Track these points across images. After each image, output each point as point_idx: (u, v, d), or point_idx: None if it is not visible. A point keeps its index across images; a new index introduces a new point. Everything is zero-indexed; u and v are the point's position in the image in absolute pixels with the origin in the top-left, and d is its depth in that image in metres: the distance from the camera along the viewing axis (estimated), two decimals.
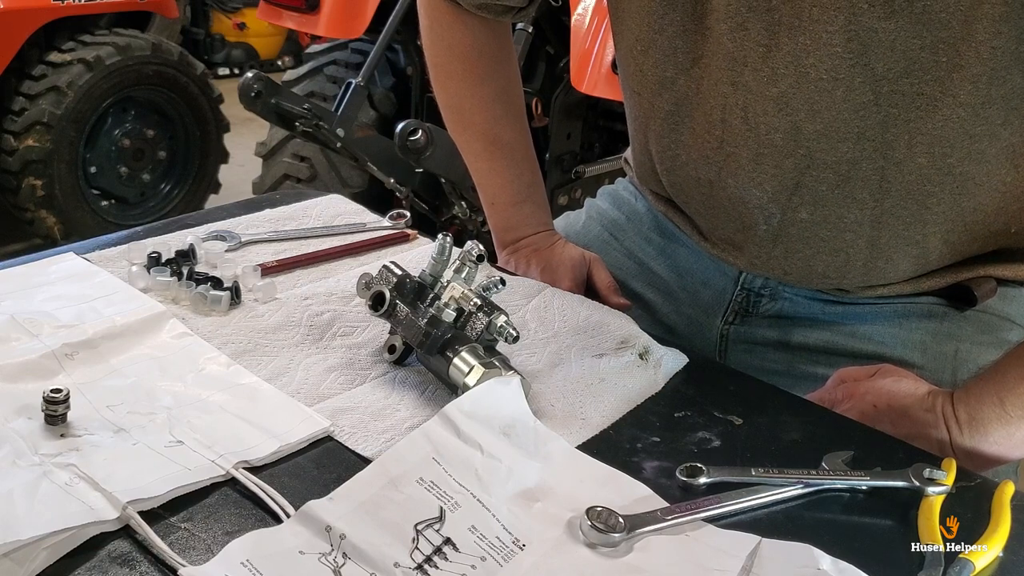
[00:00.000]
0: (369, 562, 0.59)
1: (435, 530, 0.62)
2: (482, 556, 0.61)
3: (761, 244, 0.91)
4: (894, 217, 0.84)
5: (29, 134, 3.09)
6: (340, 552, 0.59)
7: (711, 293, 1.01)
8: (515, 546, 0.62)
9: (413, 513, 0.63)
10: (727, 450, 0.75)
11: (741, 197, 0.88)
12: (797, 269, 0.91)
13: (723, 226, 0.94)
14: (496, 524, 0.63)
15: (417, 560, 0.60)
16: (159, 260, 0.95)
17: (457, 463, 0.67)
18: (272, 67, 5.90)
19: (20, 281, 0.91)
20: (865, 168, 0.81)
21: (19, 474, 0.64)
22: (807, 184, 0.83)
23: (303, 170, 2.78)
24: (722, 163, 0.87)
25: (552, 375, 0.83)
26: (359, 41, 2.81)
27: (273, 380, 0.79)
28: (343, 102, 2.31)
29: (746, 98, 0.82)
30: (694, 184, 0.92)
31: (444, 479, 0.66)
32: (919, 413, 0.81)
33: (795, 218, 0.86)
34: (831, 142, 0.80)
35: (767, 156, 0.83)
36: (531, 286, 0.99)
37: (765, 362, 0.98)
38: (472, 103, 1.10)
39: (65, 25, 3.22)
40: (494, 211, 1.14)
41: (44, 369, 0.76)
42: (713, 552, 0.63)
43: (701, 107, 0.86)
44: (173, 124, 3.53)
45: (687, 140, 0.90)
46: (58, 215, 3.19)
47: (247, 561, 0.57)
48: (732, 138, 0.85)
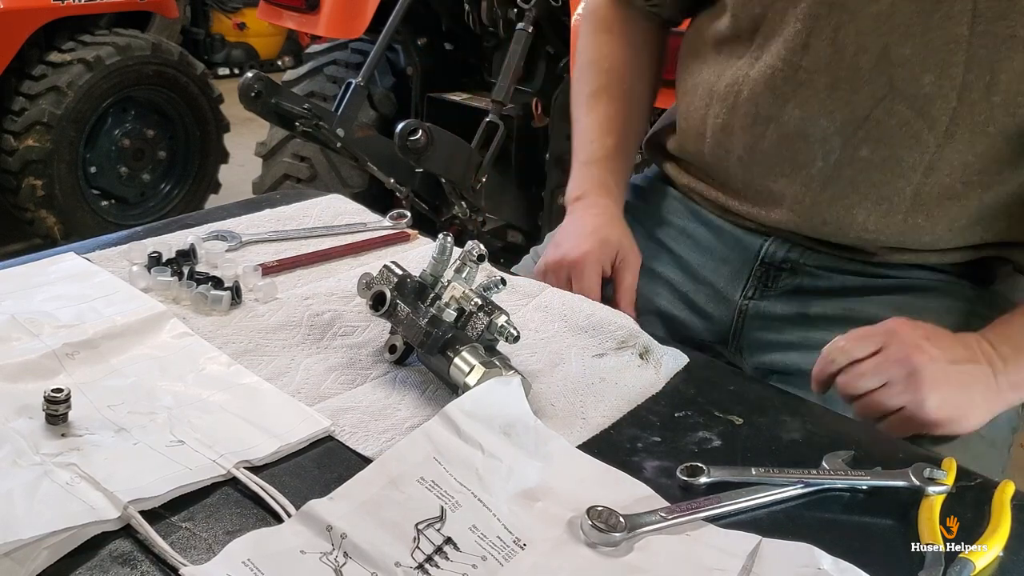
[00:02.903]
0: (370, 561, 0.59)
1: (436, 529, 0.62)
2: (483, 556, 0.61)
3: (808, 186, 0.91)
4: (948, 164, 0.85)
5: (29, 134, 3.08)
6: (341, 551, 0.59)
7: (731, 269, 1.02)
8: (516, 545, 0.62)
9: (414, 512, 0.63)
10: (727, 450, 0.75)
11: (804, 131, 0.89)
12: (838, 217, 0.92)
13: (768, 173, 0.94)
14: (497, 524, 0.63)
15: (418, 559, 0.60)
16: (159, 260, 0.95)
17: (458, 462, 0.67)
18: (272, 67, 5.89)
19: (20, 281, 0.91)
20: (939, 106, 0.82)
21: (20, 474, 0.64)
22: (877, 117, 0.85)
23: (303, 170, 2.78)
24: (791, 93, 0.88)
25: (552, 375, 0.83)
26: (359, 41, 2.81)
27: (274, 380, 0.79)
28: (343, 102, 2.31)
29: (840, 17, 0.83)
30: (750, 125, 0.93)
31: (445, 478, 0.66)
32: (961, 350, 0.81)
33: (855, 156, 0.87)
34: (914, 72, 0.81)
35: (845, 81, 0.85)
36: (531, 286, 0.99)
37: (780, 335, 0.99)
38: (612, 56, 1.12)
39: (65, 25, 3.21)
40: (574, 167, 1.14)
41: (45, 369, 0.76)
42: (713, 552, 0.63)
43: (782, 34, 0.87)
44: (173, 124, 3.52)
45: (754, 74, 0.91)
46: (58, 215, 3.18)
47: (248, 560, 0.57)
48: (813, 63, 0.86)
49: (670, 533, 0.65)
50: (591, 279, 0.98)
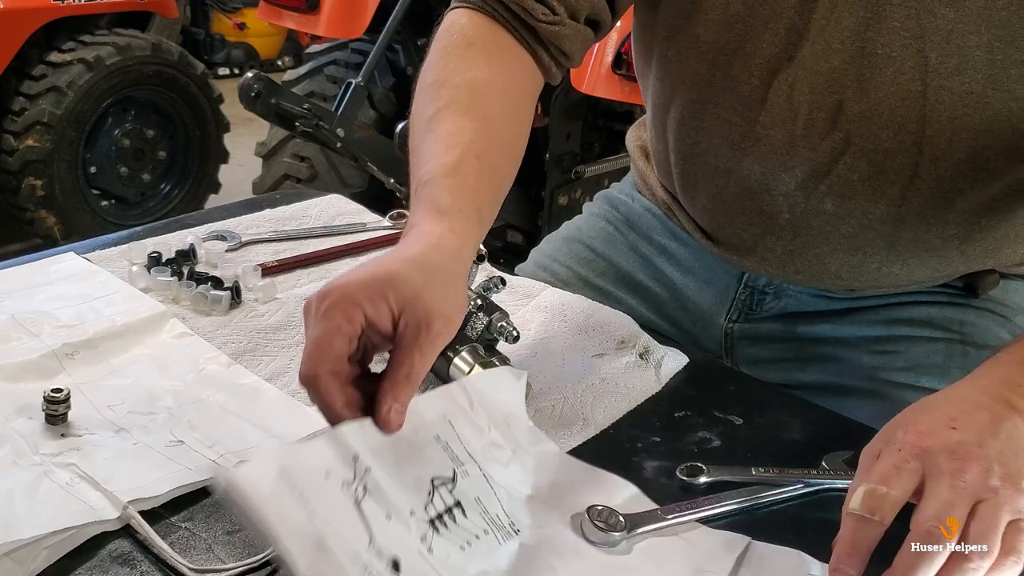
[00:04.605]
0: (387, 503, 0.56)
1: (448, 490, 0.60)
2: (485, 529, 0.60)
3: (778, 238, 0.89)
4: (918, 217, 0.84)
5: (29, 134, 3.08)
6: (362, 485, 0.55)
7: (714, 292, 1.01)
8: (511, 529, 0.62)
9: (431, 466, 0.60)
10: (727, 450, 0.75)
11: (766, 185, 0.87)
12: (809, 267, 0.90)
13: (734, 223, 0.92)
14: (496, 503, 0.63)
15: (431, 514, 0.58)
16: (159, 260, 0.95)
17: (468, 433, 0.65)
18: (272, 67, 5.89)
19: (20, 281, 0.91)
20: (899, 161, 0.80)
21: (20, 474, 0.64)
22: (838, 172, 0.83)
23: (303, 170, 2.78)
24: (750, 148, 0.86)
25: (552, 375, 0.83)
26: (359, 41, 2.81)
27: (273, 380, 0.79)
28: (343, 102, 2.31)
29: (796, 74, 0.81)
30: (710, 176, 0.91)
31: (456, 444, 0.63)
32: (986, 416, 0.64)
33: (820, 208, 0.85)
34: (872, 127, 0.80)
35: (803, 138, 0.83)
36: (531, 286, 0.99)
37: (773, 352, 0.98)
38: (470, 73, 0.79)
39: (65, 25, 3.21)
40: None
41: (45, 369, 0.76)
42: (704, 553, 0.63)
43: (738, 89, 0.85)
44: (173, 124, 3.52)
45: (710, 127, 0.88)
46: (58, 215, 3.18)
47: (285, 469, 0.52)
48: (770, 119, 0.84)
49: (664, 534, 0.65)
50: (322, 327, 0.58)
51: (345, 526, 0.52)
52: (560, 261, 1.10)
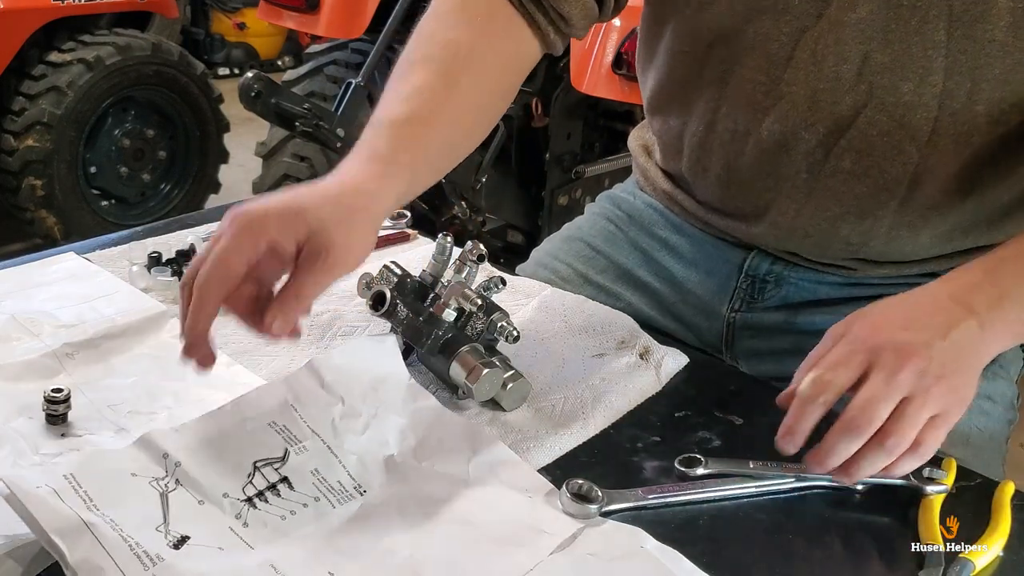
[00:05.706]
0: (199, 490, 0.61)
1: (274, 468, 0.64)
2: (316, 497, 0.63)
3: (791, 199, 0.90)
4: (931, 176, 0.84)
5: (29, 134, 3.09)
6: (173, 478, 0.61)
7: (716, 282, 1.01)
8: (356, 491, 0.65)
9: (255, 450, 0.65)
10: (727, 450, 0.75)
11: (784, 144, 0.87)
12: (820, 231, 0.90)
13: (747, 191, 0.93)
14: (341, 470, 0.66)
15: (248, 493, 0.62)
16: (159, 260, 0.95)
17: (315, 411, 0.69)
18: (272, 67, 5.89)
19: (20, 281, 0.91)
20: (920, 116, 0.81)
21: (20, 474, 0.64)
22: (859, 126, 0.83)
23: (303, 170, 2.78)
24: (771, 107, 0.87)
25: (552, 375, 0.83)
26: (359, 41, 2.81)
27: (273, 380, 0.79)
28: (343, 102, 2.31)
29: (823, 27, 0.82)
30: (727, 143, 0.91)
31: (297, 424, 0.68)
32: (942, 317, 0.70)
33: (838, 166, 0.86)
34: (894, 79, 0.80)
35: (826, 92, 0.83)
36: (531, 286, 0.99)
37: (772, 344, 0.99)
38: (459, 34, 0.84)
39: (65, 25, 3.21)
40: None
41: (45, 369, 0.76)
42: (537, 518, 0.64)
43: (767, 46, 0.85)
44: (173, 124, 3.52)
45: (732, 91, 0.89)
46: (58, 215, 3.18)
47: (70, 475, 0.58)
48: (793, 75, 0.84)
49: (510, 490, 0.66)
50: (228, 244, 0.63)
51: (133, 515, 0.57)
52: (561, 259, 1.11)
